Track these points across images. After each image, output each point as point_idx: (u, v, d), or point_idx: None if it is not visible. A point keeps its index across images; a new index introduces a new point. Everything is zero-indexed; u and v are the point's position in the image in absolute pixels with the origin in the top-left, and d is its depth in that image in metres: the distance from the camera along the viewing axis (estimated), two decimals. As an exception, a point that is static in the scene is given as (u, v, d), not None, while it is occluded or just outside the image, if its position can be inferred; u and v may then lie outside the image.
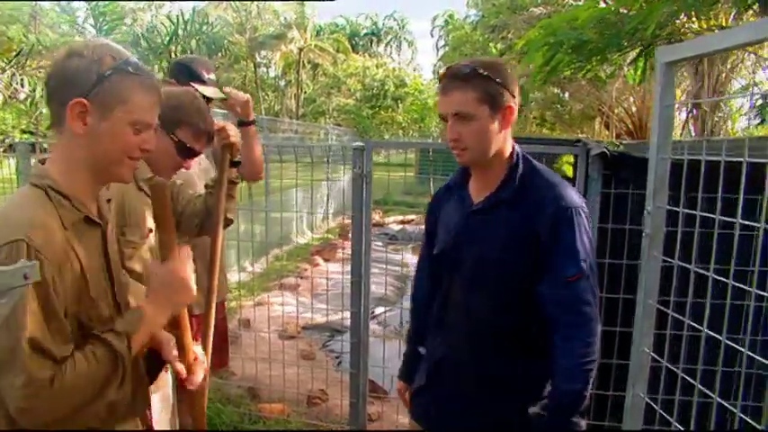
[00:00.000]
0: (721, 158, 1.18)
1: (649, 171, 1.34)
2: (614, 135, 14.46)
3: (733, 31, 1.21)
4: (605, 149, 2.71)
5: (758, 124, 6.53)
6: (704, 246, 1.51)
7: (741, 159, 1.19)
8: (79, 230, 1.14)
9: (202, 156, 2.13)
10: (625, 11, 5.29)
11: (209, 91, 2.33)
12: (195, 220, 1.97)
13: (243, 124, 2.34)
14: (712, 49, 1.26)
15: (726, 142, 1.41)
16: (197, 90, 2.17)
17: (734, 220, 1.14)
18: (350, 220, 2.99)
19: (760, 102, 4.62)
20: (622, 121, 15.00)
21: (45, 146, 3.77)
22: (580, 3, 8.71)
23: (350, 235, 2.97)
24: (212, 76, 2.47)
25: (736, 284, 1.16)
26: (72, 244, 1.11)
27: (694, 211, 1.26)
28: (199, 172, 2.33)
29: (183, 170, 1.96)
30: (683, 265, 1.28)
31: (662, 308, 1.35)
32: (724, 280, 1.18)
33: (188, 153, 1.85)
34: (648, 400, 1.40)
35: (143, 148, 1.17)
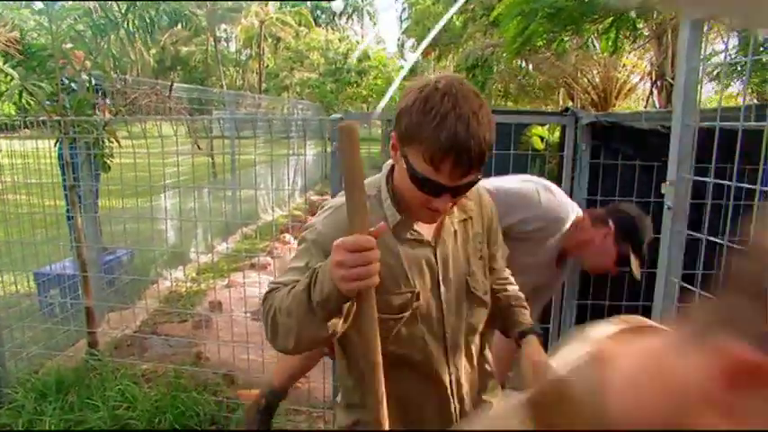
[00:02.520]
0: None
1: (672, 138, 1.25)
2: (578, 106, 14.54)
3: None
4: (596, 118, 2.63)
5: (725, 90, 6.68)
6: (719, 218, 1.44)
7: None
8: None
9: None
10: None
11: (636, 266, 1.84)
12: None
13: None
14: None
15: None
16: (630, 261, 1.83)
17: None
18: (317, 196, 2.85)
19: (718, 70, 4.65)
20: (586, 93, 15.08)
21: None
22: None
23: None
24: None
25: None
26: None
27: (727, 182, 1.17)
28: None
29: None
30: (710, 238, 1.20)
31: (687, 285, 1.28)
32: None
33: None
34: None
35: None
